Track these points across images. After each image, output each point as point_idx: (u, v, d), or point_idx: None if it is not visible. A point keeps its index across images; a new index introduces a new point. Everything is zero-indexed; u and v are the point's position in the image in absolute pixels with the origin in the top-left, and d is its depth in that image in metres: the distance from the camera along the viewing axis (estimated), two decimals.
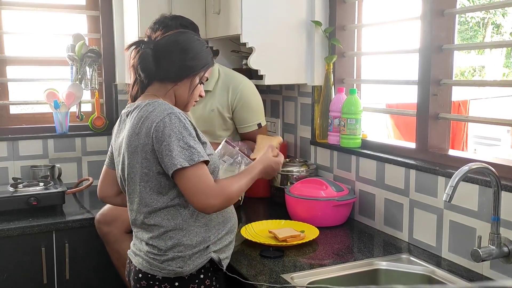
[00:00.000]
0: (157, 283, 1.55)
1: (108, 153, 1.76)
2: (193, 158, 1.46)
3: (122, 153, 1.60)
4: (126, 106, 1.67)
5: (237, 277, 1.63)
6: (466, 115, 4.62)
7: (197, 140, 1.52)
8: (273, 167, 1.69)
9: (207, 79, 1.71)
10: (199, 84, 1.66)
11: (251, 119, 2.37)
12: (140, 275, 1.57)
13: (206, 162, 1.51)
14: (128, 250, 1.68)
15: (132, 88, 1.65)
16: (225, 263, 1.63)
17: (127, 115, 1.62)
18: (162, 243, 1.54)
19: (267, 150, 1.72)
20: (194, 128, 1.55)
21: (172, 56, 1.59)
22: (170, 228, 1.54)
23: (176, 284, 1.54)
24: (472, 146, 5.95)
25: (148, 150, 1.50)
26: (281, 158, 1.73)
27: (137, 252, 1.61)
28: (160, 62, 1.59)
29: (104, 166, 1.77)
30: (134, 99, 1.65)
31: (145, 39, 1.64)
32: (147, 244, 1.57)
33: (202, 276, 1.58)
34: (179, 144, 1.46)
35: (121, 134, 1.64)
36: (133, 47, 1.62)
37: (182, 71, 1.60)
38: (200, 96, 1.70)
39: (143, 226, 1.58)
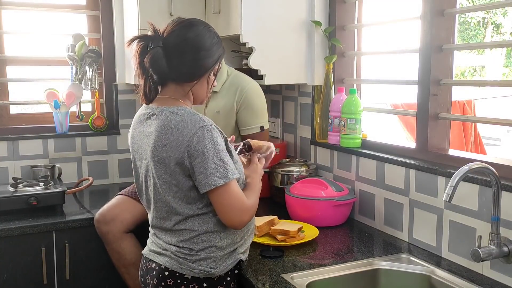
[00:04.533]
0: (185, 282, 1.53)
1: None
2: (228, 175, 1.45)
3: (146, 160, 1.56)
4: (145, 107, 1.61)
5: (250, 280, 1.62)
6: (466, 115, 4.62)
7: (228, 155, 1.50)
8: (258, 173, 1.68)
9: (219, 70, 1.65)
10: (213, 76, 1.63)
11: (253, 121, 2.33)
12: (166, 273, 1.54)
13: None
14: (145, 251, 1.66)
15: (145, 89, 1.58)
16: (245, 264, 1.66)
17: (148, 118, 1.57)
18: (194, 245, 1.53)
19: (252, 162, 1.70)
20: (224, 138, 1.52)
21: (185, 56, 1.52)
22: (202, 232, 1.53)
23: (205, 285, 1.54)
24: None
25: (178, 164, 1.47)
26: (262, 161, 1.72)
27: (161, 252, 1.58)
28: (173, 62, 1.52)
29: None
30: (149, 100, 1.60)
31: (149, 33, 1.54)
32: (176, 245, 1.55)
33: (228, 278, 1.58)
34: (213, 161, 1.44)
35: (139, 137, 1.60)
36: (137, 41, 1.54)
37: (198, 71, 1.55)
38: (213, 86, 1.66)
39: (171, 231, 1.56)
